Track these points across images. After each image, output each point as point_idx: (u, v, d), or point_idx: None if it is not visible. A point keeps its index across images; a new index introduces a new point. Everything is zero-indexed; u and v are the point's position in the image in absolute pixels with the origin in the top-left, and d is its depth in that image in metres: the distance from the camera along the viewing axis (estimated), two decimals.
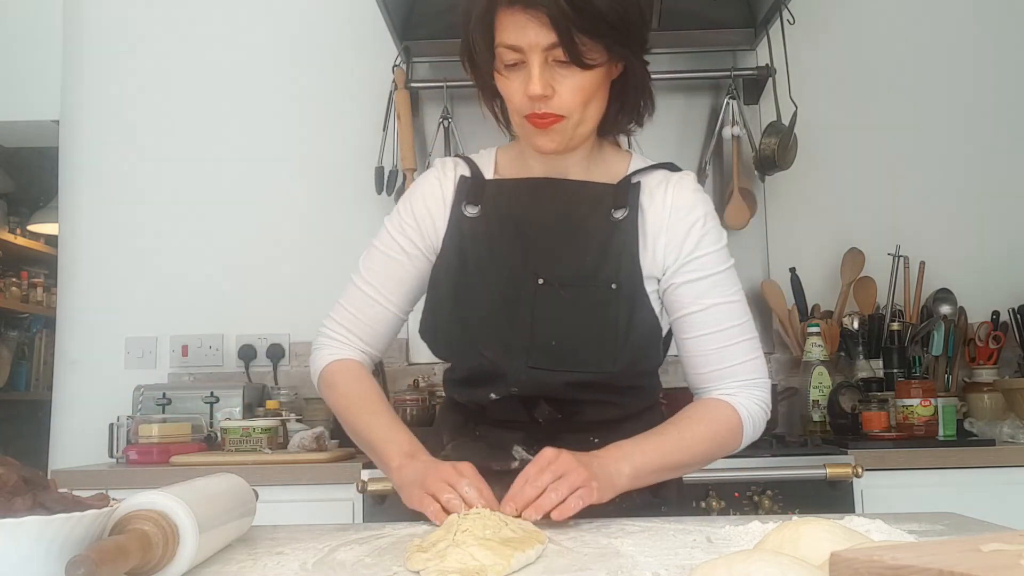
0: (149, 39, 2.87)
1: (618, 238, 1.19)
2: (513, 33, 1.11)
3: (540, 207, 1.22)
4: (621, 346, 1.16)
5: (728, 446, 1.21)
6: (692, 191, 1.23)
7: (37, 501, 0.69)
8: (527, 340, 1.16)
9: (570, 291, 1.17)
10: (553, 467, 1.03)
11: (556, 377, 1.16)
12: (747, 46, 2.73)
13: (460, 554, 0.79)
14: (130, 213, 2.81)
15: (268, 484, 1.85)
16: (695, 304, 1.19)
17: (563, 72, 1.12)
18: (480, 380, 1.21)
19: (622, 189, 1.22)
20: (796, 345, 2.57)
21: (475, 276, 1.20)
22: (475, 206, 1.23)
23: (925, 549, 0.49)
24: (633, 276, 1.18)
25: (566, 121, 1.14)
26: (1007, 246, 2.69)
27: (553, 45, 1.09)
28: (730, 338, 1.19)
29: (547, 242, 1.19)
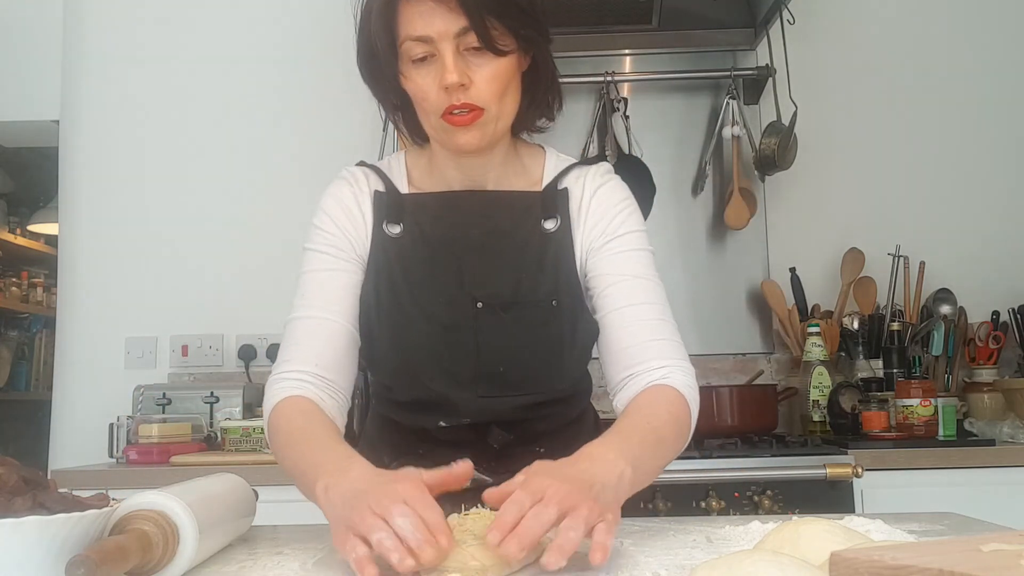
0: (149, 39, 2.87)
1: (552, 251, 1.14)
2: (420, 23, 1.05)
3: (467, 224, 1.15)
4: (568, 361, 1.13)
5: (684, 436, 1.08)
6: (607, 179, 1.19)
7: (37, 501, 0.70)
8: (473, 370, 1.11)
9: (511, 313, 1.11)
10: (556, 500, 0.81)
11: (507, 403, 1.12)
12: (747, 46, 2.73)
13: (460, 554, 0.79)
14: (130, 213, 2.81)
15: (268, 484, 1.84)
16: (620, 276, 1.13)
17: (476, 61, 1.06)
18: (427, 409, 1.14)
19: (549, 197, 1.17)
20: (796, 345, 2.57)
21: (407, 302, 1.12)
22: (396, 224, 1.15)
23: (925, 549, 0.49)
24: (572, 289, 1.14)
25: (486, 114, 1.07)
26: (1007, 246, 2.69)
27: (464, 31, 1.04)
28: (652, 312, 1.12)
29: (480, 262, 1.13)
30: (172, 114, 2.84)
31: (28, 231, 4.60)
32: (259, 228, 2.77)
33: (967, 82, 2.76)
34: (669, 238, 2.71)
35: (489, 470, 1.10)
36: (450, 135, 1.09)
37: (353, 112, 2.77)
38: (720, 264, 2.71)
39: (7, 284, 4.54)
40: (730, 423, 2.26)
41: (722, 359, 2.68)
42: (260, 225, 2.77)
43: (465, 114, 1.07)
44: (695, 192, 2.73)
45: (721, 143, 2.69)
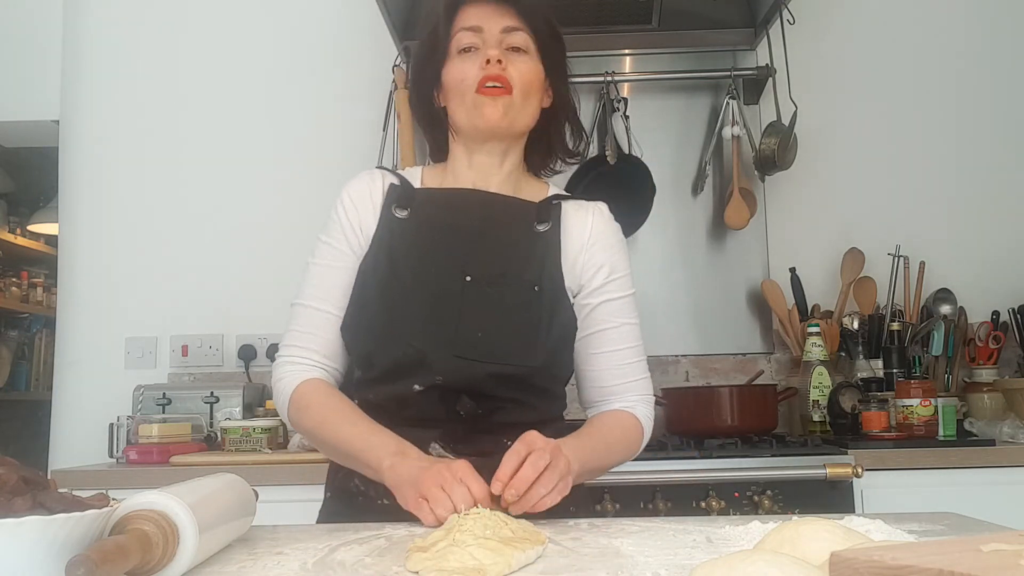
0: (149, 39, 2.87)
1: (541, 247, 1.27)
2: (475, 16, 1.26)
3: (467, 213, 1.28)
4: (542, 342, 1.22)
5: (631, 453, 1.30)
6: (610, 220, 1.34)
7: (37, 501, 0.70)
8: (453, 331, 1.20)
9: (496, 289, 1.23)
10: (548, 451, 1.05)
11: (480, 368, 1.19)
12: (747, 46, 2.73)
13: (460, 554, 0.79)
14: (130, 213, 2.81)
15: (268, 484, 1.85)
16: (611, 321, 1.29)
17: (512, 58, 1.26)
18: (404, 372, 1.21)
19: (544, 207, 1.30)
20: (796, 345, 2.57)
21: (404, 273, 1.24)
22: (404, 209, 1.29)
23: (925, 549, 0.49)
24: (555, 281, 1.26)
25: (510, 99, 1.24)
26: (1007, 246, 2.69)
27: (512, 28, 1.26)
28: (634, 356, 1.30)
29: (474, 244, 1.26)
30: (172, 114, 2.84)
31: (28, 231, 4.60)
32: (259, 228, 2.77)
33: (967, 82, 2.76)
34: (669, 238, 2.71)
35: (455, 451, 1.20)
36: (479, 108, 1.24)
37: (353, 113, 2.78)
38: (720, 264, 2.70)
39: (7, 284, 4.54)
40: (730, 423, 2.26)
41: (722, 359, 2.68)
42: (260, 225, 2.77)
43: (498, 87, 1.23)
44: (695, 192, 2.73)
45: (721, 143, 2.69)
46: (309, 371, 1.25)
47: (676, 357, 2.69)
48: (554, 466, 1.05)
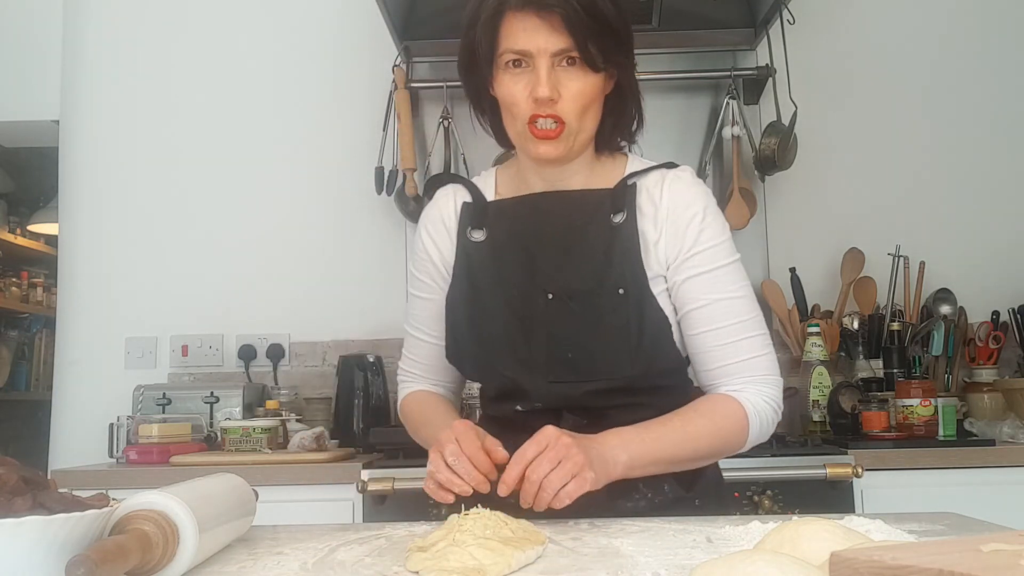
0: (149, 39, 2.87)
1: (619, 243, 1.19)
2: (524, 37, 1.12)
3: (542, 222, 1.22)
4: (635, 349, 1.16)
5: (732, 443, 1.18)
6: (689, 186, 1.22)
7: (37, 501, 0.70)
8: (544, 356, 1.18)
9: (579, 302, 1.17)
10: (552, 452, 1.01)
11: (576, 388, 1.18)
12: (747, 46, 2.73)
13: (460, 554, 0.79)
14: (130, 213, 2.81)
15: (268, 484, 1.85)
16: (699, 300, 1.18)
17: (567, 75, 1.13)
18: (505, 396, 1.24)
19: (619, 192, 1.21)
20: (796, 345, 2.57)
21: (487, 298, 1.22)
22: (480, 230, 1.25)
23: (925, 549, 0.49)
24: (638, 278, 1.17)
25: (567, 128, 1.15)
26: (1007, 246, 2.69)
27: (563, 50, 1.11)
28: (736, 334, 1.18)
29: (552, 256, 1.20)
30: (172, 114, 2.84)
31: (28, 231, 4.60)
32: (259, 228, 2.77)
33: (967, 82, 2.76)
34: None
35: None
36: (532, 144, 1.17)
37: (353, 113, 2.78)
38: None
39: (7, 284, 4.54)
40: None
41: None
42: (260, 225, 2.77)
43: (550, 128, 1.14)
44: None
45: (721, 143, 2.69)
46: (416, 384, 1.37)
47: None
48: (562, 466, 1.00)
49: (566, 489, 1.00)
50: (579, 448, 1.02)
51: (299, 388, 2.66)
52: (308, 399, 2.59)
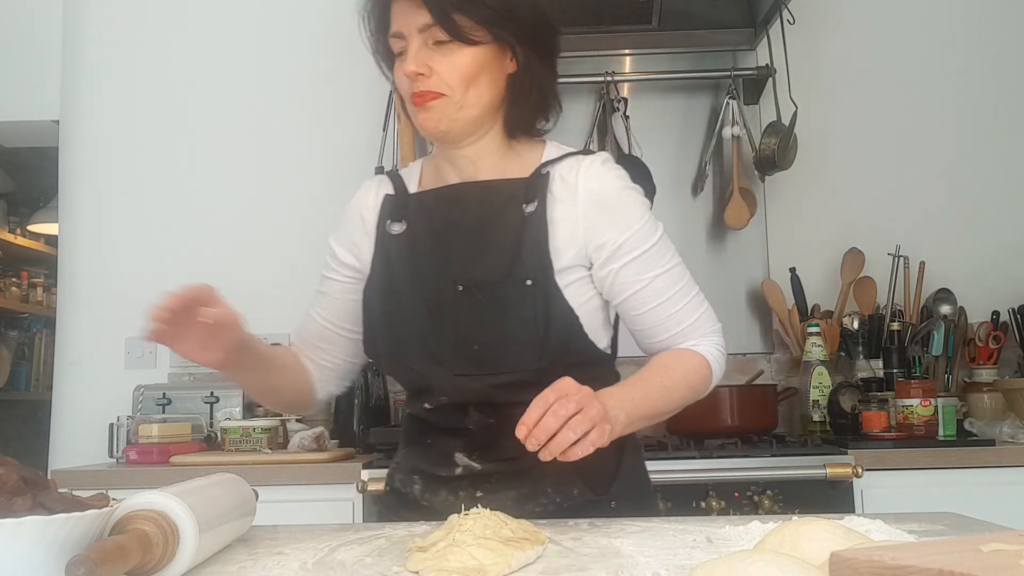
0: (149, 39, 2.87)
1: (529, 232, 1.17)
2: (396, 20, 1.17)
3: (458, 213, 1.22)
4: (543, 340, 1.15)
5: (700, 391, 1.23)
6: (602, 173, 1.21)
7: (37, 501, 0.70)
8: (451, 349, 1.18)
9: (487, 293, 1.17)
10: (576, 398, 0.99)
11: (481, 381, 1.17)
12: (747, 46, 2.73)
13: (460, 554, 0.79)
14: (130, 213, 2.81)
15: (268, 484, 1.85)
16: (639, 281, 1.19)
17: (443, 51, 1.15)
18: (416, 393, 1.25)
19: (532, 183, 1.20)
20: (796, 345, 2.57)
21: (402, 292, 1.21)
22: (400, 223, 1.25)
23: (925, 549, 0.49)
24: (545, 270, 1.16)
25: (446, 99, 1.15)
26: (1007, 246, 2.69)
27: (428, 25, 1.14)
28: (679, 302, 1.22)
29: (465, 247, 1.20)
30: (172, 114, 2.84)
31: (28, 231, 4.60)
32: (259, 228, 2.77)
33: (967, 82, 2.76)
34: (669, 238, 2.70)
35: (481, 457, 1.20)
36: (415, 117, 1.19)
37: (353, 113, 2.78)
38: (720, 264, 2.70)
39: (7, 284, 4.54)
40: (730, 423, 2.26)
41: None
42: (260, 225, 2.77)
43: (426, 95, 1.16)
44: (695, 192, 2.73)
45: (721, 143, 2.69)
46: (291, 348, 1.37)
47: None
48: (585, 413, 0.98)
49: (589, 437, 0.98)
50: (597, 398, 1.02)
51: None
52: None
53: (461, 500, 1.18)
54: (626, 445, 1.25)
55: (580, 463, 1.09)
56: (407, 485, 1.25)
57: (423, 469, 1.24)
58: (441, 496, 1.21)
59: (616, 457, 1.24)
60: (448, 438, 1.22)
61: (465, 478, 1.20)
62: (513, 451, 1.13)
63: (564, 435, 0.97)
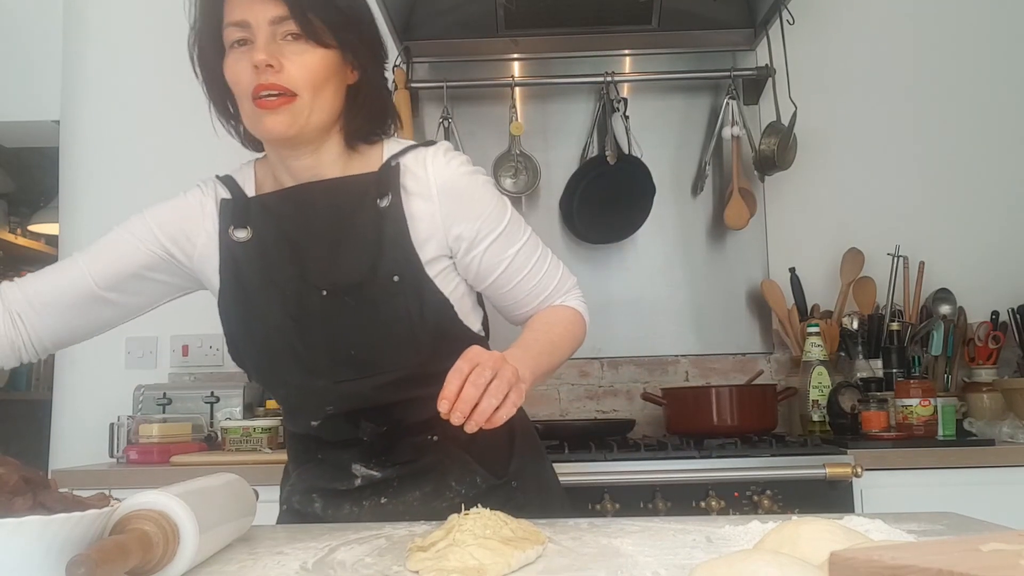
0: (149, 39, 2.87)
1: (388, 227, 1.15)
2: (240, 8, 1.10)
3: (308, 214, 1.17)
4: (419, 335, 1.14)
5: (580, 339, 1.26)
6: (448, 162, 1.18)
7: (37, 501, 0.70)
8: (326, 357, 1.14)
9: (354, 296, 1.13)
10: (490, 364, 0.98)
11: (365, 384, 1.14)
12: (747, 46, 2.73)
13: (460, 554, 0.79)
14: (130, 213, 2.79)
15: (269, 484, 1.84)
16: (502, 262, 1.21)
17: (292, 48, 1.10)
18: (296, 409, 1.21)
19: (383, 175, 1.17)
20: (796, 345, 2.57)
21: (259, 301, 1.16)
22: (243, 229, 1.19)
23: (925, 549, 0.49)
24: (412, 263, 1.14)
25: (297, 101, 1.10)
26: (1007, 246, 2.69)
27: (281, 18, 1.09)
28: (540, 270, 1.24)
29: (321, 250, 1.16)
30: (172, 114, 2.84)
31: (29, 231, 4.60)
32: None
33: (967, 81, 2.76)
34: (669, 238, 2.71)
35: (379, 464, 1.19)
36: (259, 119, 1.11)
37: None
38: (720, 264, 2.71)
39: None
40: (730, 423, 2.26)
41: (722, 359, 2.68)
42: None
43: (274, 97, 1.09)
44: (695, 192, 2.73)
45: (721, 143, 2.69)
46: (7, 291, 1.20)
47: (676, 357, 2.69)
48: (501, 376, 0.97)
49: (509, 398, 0.97)
50: (506, 360, 1.01)
51: None
52: None
53: (366, 510, 1.18)
54: (515, 425, 1.26)
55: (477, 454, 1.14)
56: (306, 504, 1.23)
57: (320, 486, 1.21)
58: (345, 510, 1.19)
59: (508, 438, 1.26)
60: (340, 451, 1.20)
61: (367, 488, 1.19)
62: (410, 453, 1.17)
63: (487, 402, 0.96)
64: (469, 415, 0.95)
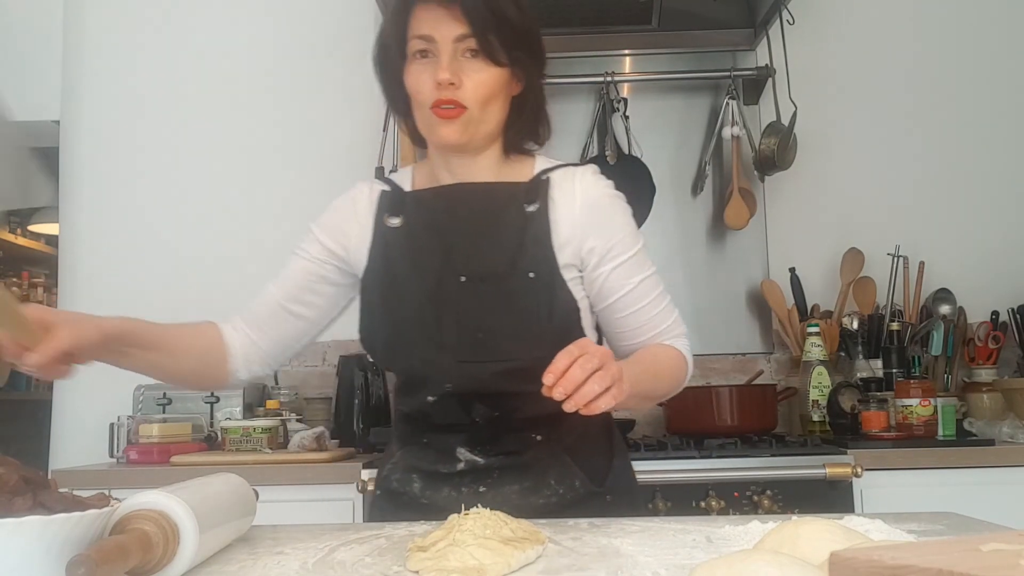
0: (149, 39, 2.87)
1: (532, 230, 1.24)
2: (428, 24, 1.20)
3: (458, 210, 1.27)
4: (543, 331, 1.20)
5: (679, 383, 1.28)
6: (596, 182, 1.28)
7: (37, 501, 0.70)
8: (454, 336, 1.21)
9: (490, 285, 1.22)
10: (599, 355, 1.02)
11: (485, 368, 1.20)
12: (747, 46, 2.73)
13: (460, 554, 0.79)
14: (130, 213, 2.80)
15: (268, 484, 1.85)
16: (625, 285, 1.25)
17: (470, 66, 1.20)
18: (417, 384, 1.26)
19: (532, 186, 1.27)
20: (796, 345, 2.57)
21: (402, 282, 1.25)
22: (396, 217, 1.29)
23: (925, 549, 0.49)
24: (549, 263, 1.22)
25: (468, 113, 1.20)
26: (1007, 246, 2.69)
27: (464, 36, 1.19)
28: (657, 306, 1.28)
29: (466, 242, 1.25)
30: (172, 114, 2.84)
31: (28, 231, 4.61)
32: (260, 228, 2.76)
33: (967, 82, 2.76)
34: (669, 238, 2.71)
35: (483, 451, 1.23)
36: (434, 127, 1.22)
37: (354, 113, 2.77)
38: (720, 264, 2.71)
39: (8, 284, 4.54)
40: (730, 423, 2.26)
41: (722, 359, 2.68)
42: (261, 225, 2.77)
43: (450, 109, 1.20)
44: (695, 192, 2.73)
45: (721, 143, 2.69)
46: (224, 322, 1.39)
47: None
48: (606, 369, 1.01)
49: (610, 392, 1.01)
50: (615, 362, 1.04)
51: (299, 388, 2.66)
52: (308, 399, 2.59)
53: (464, 496, 1.21)
54: (615, 444, 1.33)
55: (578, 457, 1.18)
56: (405, 484, 1.27)
57: (422, 467, 1.26)
58: (443, 493, 1.23)
59: (608, 453, 1.31)
60: (448, 435, 1.24)
61: (468, 473, 1.23)
62: (515, 445, 1.21)
63: (589, 386, 0.99)
64: (571, 394, 0.98)
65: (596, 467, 1.27)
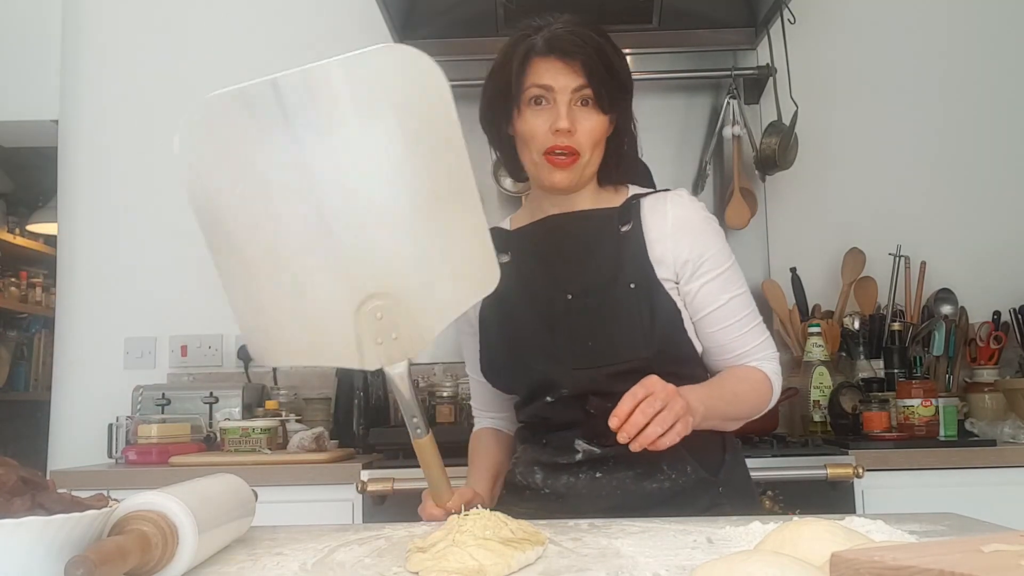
0: (149, 39, 2.87)
1: (627, 247, 1.33)
2: (548, 75, 1.30)
3: (558, 236, 1.38)
4: (649, 333, 1.28)
5: (763, 406, 1.36)
6: (690, 202, 1.37)
7: (36, 501, 0.69)
8: (568, 347, 1.31)
9: (595, 298, 1.31)
10: (662, 396, 1.12)
11: (598, 372, 1.29)
12: (748, 46, 2.73)
13: (460, 554, 0.79)
14: (129, 213, 2.80)
15: (268, 484, 1.85)
16: (715, 302, 1.33)
17: (582, 114, 1.31)
18: (536, 392, 1.35)
19: (624, 210, 1.37)
20: (797, 345, 2.57)
21: (515, 308, 1.36)
22: (505, 254, 1.38)
23: (926, 550, 0.48)
24: (647, 273, 1.31)
25: (580, 159, 1.31)
26: (1008, 246, 2.69)
27: (581, 87, 1.29)
28: (746, 325, 1.35)
29: (569, 263, 1.36)
30: (172, 114, 2.82)
31: (27, 231, 4.60)
32: None
33: (967, 81, 2.76)
34: None
35: (599, 442, 1.31)
36: (547, 172, 1.33)
37: None
38: None
39: (6, 284, 4.54)
40: None
41: None
42: None
43: (564, 157, 1.31)
44: (695, 192, 2.72)
45: (721, 143, 2.68)
46: (478, 422, 1.55)
47: None
48: (670, 408, 1.11)
49: (675, 428, 1.11)
50: (679, 395, 1.15)
51: (298, 388, 2.66)
52: (308, 399, 2.59)
53: (582, 482, 1.31)
54: (727, 439, 1.39)
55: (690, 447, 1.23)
56: (528, 476, 1.36)
57: (543, 460, 1.34)
58: (563, 480, 1.31)
59: (720, 446, 1.37)
60: (566, 430, 1.33)
61: (585, 462, 1.31)
62: None
63: (652, 429, 1.10)
64: (635, 436, 1.10)
65: (708, 457, 1.32)
